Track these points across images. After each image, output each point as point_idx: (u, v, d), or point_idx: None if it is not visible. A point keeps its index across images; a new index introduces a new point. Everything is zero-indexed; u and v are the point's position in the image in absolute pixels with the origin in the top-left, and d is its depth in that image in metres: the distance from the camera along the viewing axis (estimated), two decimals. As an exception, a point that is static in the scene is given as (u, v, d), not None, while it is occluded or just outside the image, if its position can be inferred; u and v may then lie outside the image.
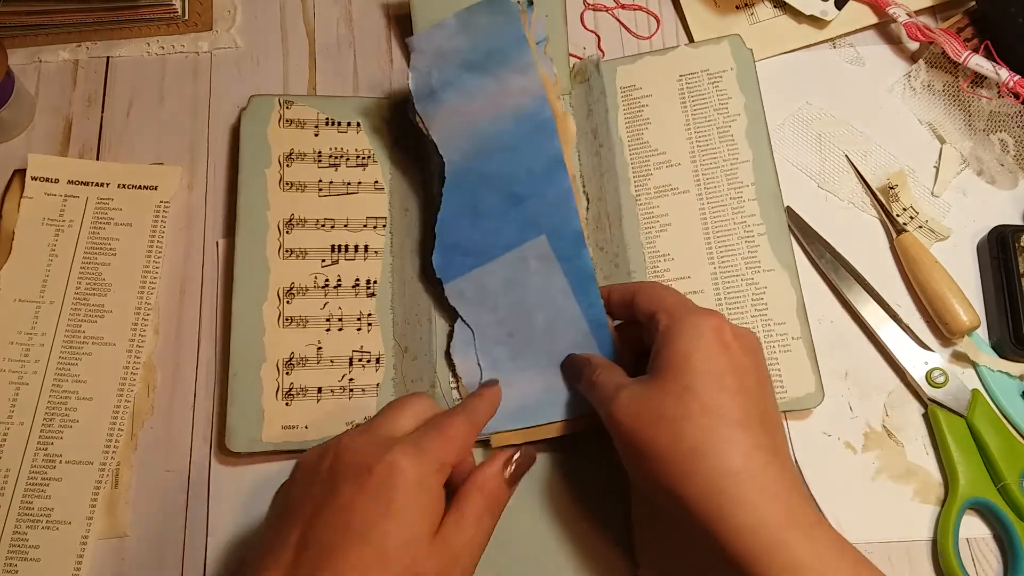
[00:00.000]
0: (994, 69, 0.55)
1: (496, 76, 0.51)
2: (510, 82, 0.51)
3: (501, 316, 0.51)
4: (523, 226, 0.51)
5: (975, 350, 0.53)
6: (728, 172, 0.56)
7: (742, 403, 0.40)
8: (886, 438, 0.53)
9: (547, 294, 0.51)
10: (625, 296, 0.47)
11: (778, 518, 0.37)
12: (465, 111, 0.51)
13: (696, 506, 0.38)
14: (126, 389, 0.53)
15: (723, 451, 0.38)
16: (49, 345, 0.53)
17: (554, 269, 0.51)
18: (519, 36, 0.51)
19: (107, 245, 0.56)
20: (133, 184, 0.57)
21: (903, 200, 0.57)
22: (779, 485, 0.38)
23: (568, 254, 0.50)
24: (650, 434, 0.39)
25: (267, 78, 0.62)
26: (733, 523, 0.37)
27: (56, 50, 0.62)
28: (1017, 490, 0.50)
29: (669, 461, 0.38)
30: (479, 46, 0.51)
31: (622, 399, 0.41)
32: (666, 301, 0.44)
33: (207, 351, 0.55)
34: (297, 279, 0.54)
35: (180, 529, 0.51)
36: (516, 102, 0.51)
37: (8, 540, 0.49)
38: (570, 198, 0.50)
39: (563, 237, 0.50)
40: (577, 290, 0.50)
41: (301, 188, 0.56)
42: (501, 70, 0.51)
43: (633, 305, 0.46)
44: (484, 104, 0.51)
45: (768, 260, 0.54)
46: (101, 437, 0.52)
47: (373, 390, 0.52)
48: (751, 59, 0.58)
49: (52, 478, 0.51)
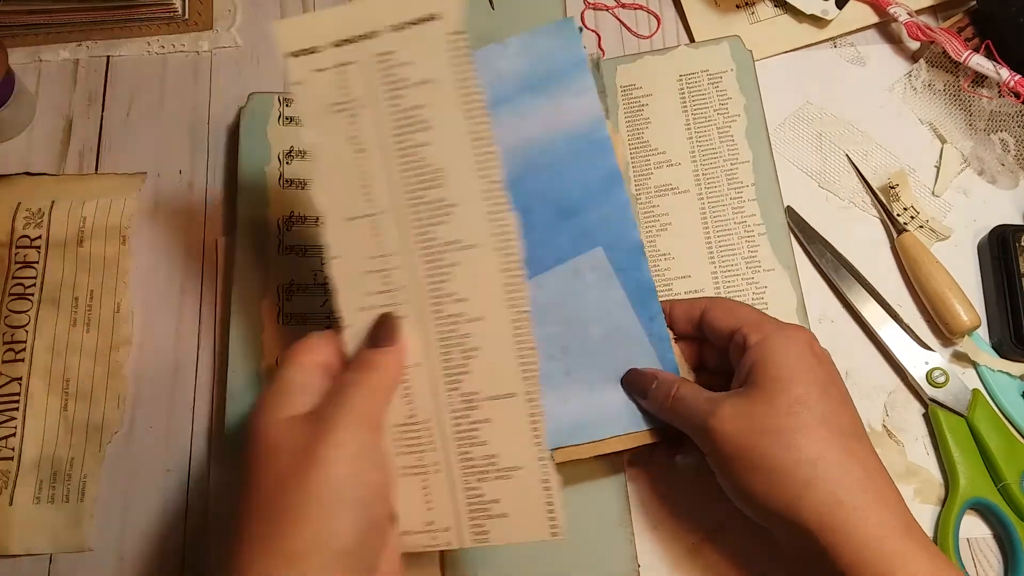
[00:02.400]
0: (995, 69, 0.55)
1: (552, 97, 0.49)
2: (566, 104, 0.49)
3: (552, 331, 0.48)
4: (576, 238, 0.48)
5: (975, 350, 0.53)
6: (728, 172, 0.56)
7: (850, 413, 0.41)
8: (886, 438, 0.53)
9: (603, 307, 0.48)
10: (692, 312, 0.47)
11: (897, 530, 0.37)
12: (517, 128, 0.49)
13: (815, 518, 0.37)
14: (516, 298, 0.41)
15: (843, 462, 0.38)
16: (408, 266, 0.42)
17: (611, 281, 0.48)
18: (579, 59, 0.49)
19: (416, 118, 0.41)
20: (408, 21, 0.41)
21: (904, 200, 0.57)
22: (892, 495, 0.38)
23: (626, 265, 0.47)
24: (763, 447, 0.39)
25: (267, 77, 0.62)
26: (857, 534, 0.37)
27: (56, 49, 0.62)
28: (1017, 490, 0.50)
29: (786, 473, 0.38)
30: (539, 68, 0.49)
31: (724, 413, 0.40)
32: (749, 317, 0.44)
33: (206, 349, 0.55)
34: (297, 276, 0.54)
35: (179, 528, 0.51)
36: (570, 121, 0.49)
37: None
38: (628, 211, 0.48)
39: (621, 248, 0.48)
40: (636, 302, 0.47)
41: (301, 186, 0.56)
42: (558, 92, 0.49)
43: (704, 321, 0.46)
44: (537, 123, 0.49)
45: (768, 260, 0.54)
46: (512, 362, 0.41)
47: (372, 389, 0.52)
48: (751, 60, 0.58)
49: (479, 421, 0.41)
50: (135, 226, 0.58)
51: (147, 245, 0.58)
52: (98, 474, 0.52)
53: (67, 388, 0.54)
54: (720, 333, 0.45)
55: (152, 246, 0.58)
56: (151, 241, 0.58)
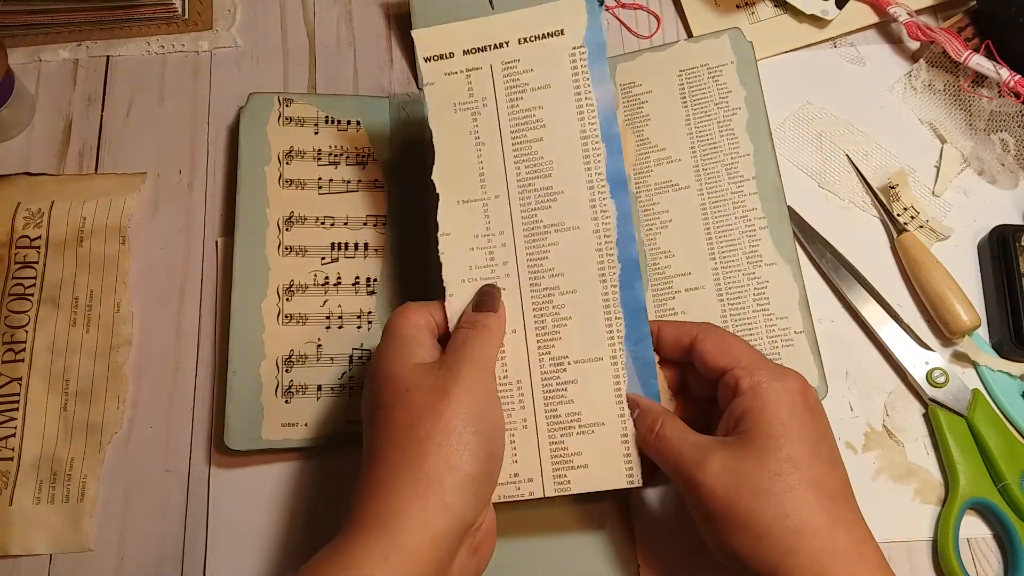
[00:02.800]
0: (995, 68, 0.55)
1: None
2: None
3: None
4: None
5: (976, 350, 0.53)
6: (729, 166, 0.56)
7: (839, 474, 0.40)
8: (887, 438, 0.53)
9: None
10: (680, 337, 0.45)
11: None
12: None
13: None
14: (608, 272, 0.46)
15: (828, 530, 0.38)
16: (511, 244, 0.47)
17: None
18: (601, 42, 0.48)
19: (532, 117, 0.48)
20: (535, 35, 0.48)
21: (904, 200, 0.57)
22: (876, 558, 0.38)
23: (619, 283, 0.46)
24: (750, 507, 0.38)
25: (267, 77, 0.62)
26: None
27: (56, 49, 0.62)
28: (1017, 490, 0.50)
29: (772, 536, 0.38)
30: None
31: (713, 467, 0.40)
32: (742, 358, 0.43)
33: (206, 349, 0.55)
34: (297, 276, 0.54)
35: (179, 528, 0.51)
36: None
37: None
38: (629, 223, 0.47)
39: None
40: (626, 323, 0.46)
41: (301, 186, 0.56)
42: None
43: (695, 353, 0.45)
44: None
45: (770, 254, 0.54)
46: (600, 329, 0.46)
47: (372, 389, 0.52)
48: (751, 51, 0.58)
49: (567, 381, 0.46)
50: (135, 226, 0.58)
51: (147, 245, 0.57)
52: (98, 474, 0.52)
53: (67, 388, 0.54)
54: (711, 369, 0.44)
55: (152, 246, 0.57)
56: (151, 241, 0.58)
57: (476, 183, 0.47)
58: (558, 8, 0.48)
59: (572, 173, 0.47)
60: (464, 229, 0.47)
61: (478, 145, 0.48)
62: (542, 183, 0.47)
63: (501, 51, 0.48)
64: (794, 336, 0.52)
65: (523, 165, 0.47)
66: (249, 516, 0.51)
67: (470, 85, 0.48)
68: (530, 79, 0.48)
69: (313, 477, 0.52)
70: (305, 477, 0.52)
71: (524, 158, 0.47)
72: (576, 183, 0.47)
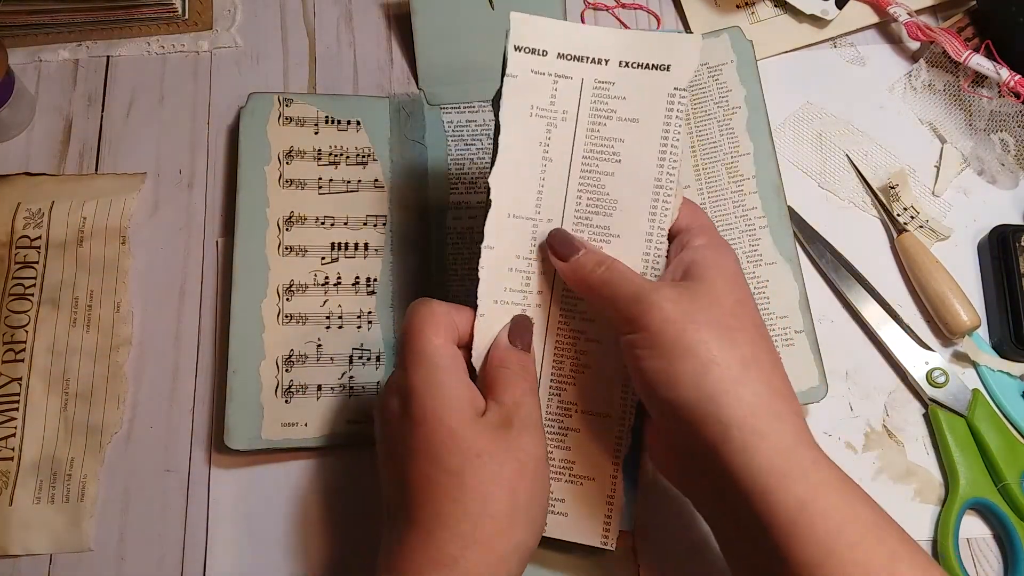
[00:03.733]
0: (995, 68, 0.55)
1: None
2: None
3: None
4: None
5: (975, 350, 0.53)
6: (729, 166, 0.56)
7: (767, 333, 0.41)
8: (886, 438, 0.53)
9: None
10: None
11: (808, 441, 0.38)
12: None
13: (737, 415, 0.37)
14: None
15: (773, 369, 0.39)
16: (551, 276, 0.44)
17: None
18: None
19: (609, 148, 0.43)
20: (640, 62, 0.43)
21: (904, 200, 0.57)
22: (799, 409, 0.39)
23: None
24: (703, 337, 0.38)
25: (267, 77, 0.62)
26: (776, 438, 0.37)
27: (56, 49, 0.62)
28: (1017, 490, 0.50)
29: (722, 366, 0.37)
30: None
31: (668, 293, 0.39)
32: (703, 222, 0.44)
33: (206, 349, 0.55)
34: (297, 276, 0.54)
35: (179, 528, 0.51)
36: None
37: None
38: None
39: None
40: None
41: (301, 186, 0.56)
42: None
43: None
44: None
45: (770, 253, 0.54)
46: (616, 386, 0.44)
47: (373, 388, 0.52)
48: (751, 51, 0.58)
49: (569, 428, 0.45)
50: (135, 226, 0.58)
51: (147, 245, 0.57)
52: (98, 474, 0.52)
53: (67, 388, 0.54)
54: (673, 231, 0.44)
55: (152, 246, 0.57)
56: (151, 241, 0.58)
57: (532, 200, 0.44)
58: (673, 42, 0.43)
59: (634, 220, 0.43)
60: (508, 247, 0.43)
61: (545, 160, 0.43)
62: (600, 221, 0.43)
63: (598, 67, 0.43)
64: (794, 336, 0.52)
65: (586, 196, 0.44)
66: (249, 516, 0.51)
67: (554, 92, 0.43)
68: (619, 107, 0.43)
69: (313, 477, 0.52)
70: (305, 477, 0.52)
71: (589, 189, 0.43)
72: (635, 232, 0.43)
